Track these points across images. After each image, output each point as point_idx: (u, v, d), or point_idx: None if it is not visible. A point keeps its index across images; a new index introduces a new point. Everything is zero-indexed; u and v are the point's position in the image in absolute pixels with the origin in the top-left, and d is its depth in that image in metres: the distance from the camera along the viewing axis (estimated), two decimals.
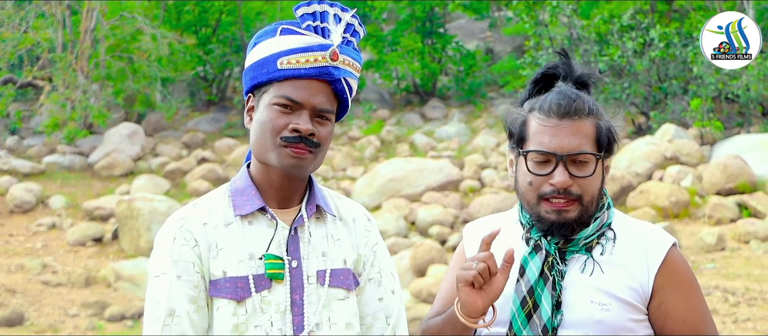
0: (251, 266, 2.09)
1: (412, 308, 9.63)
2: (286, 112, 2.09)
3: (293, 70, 2.09)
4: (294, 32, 2.13)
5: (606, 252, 2.27)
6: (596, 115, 2.28)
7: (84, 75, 19.01)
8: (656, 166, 13.87)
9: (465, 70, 22.98)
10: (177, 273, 2.08)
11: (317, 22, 2.14)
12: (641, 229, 2.34)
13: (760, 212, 11.94)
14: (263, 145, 2.12)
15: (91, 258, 13.04)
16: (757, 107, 17.14)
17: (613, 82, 17.21)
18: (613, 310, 2.21)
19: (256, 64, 2.15)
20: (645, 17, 18.19)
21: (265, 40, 2.16)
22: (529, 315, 2.23)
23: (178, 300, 2.06)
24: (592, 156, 2.24)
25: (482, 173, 15.66)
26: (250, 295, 2.07)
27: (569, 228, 2.25)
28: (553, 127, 2.24)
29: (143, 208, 13.03)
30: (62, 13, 19.70)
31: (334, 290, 2.15)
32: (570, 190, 2.22)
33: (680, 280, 2.26)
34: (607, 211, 2.32)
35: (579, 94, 2.28)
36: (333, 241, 2.20)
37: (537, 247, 2.29)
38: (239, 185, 2.19)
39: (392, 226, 13.14)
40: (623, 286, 2.23)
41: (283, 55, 2.10)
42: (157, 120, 20.62)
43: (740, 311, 8.93)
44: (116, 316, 10.79)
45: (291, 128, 2.08)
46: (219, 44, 22.58)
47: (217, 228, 2.13)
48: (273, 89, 2.11)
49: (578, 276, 2.25)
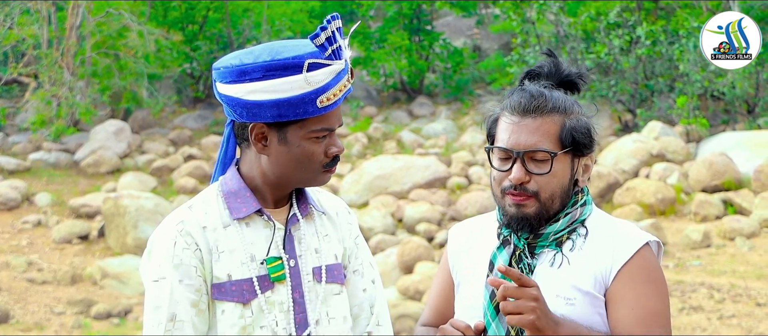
0: (253, 268, 2.11)
1: (399, 305, 9.63)
2: (322, 140, 2.13)
3: (333, 104, 2.12)
4: (321, 66, 2.08)
5: (576, 247, 2.28)
6: (563, 112, 2.28)
7: (70, 72, 18.90)
8: (642, 163, 13.93)
9: (452, 68, 23.00)
10: (179, 277, 2.08)
11: (334, 45, 2.11)
12: (616, 226, 2.34)
13: (745, 209, 12.01)
14: (306, 174, 2.15)
15: (77, 255, 12.99)
16: (743, 105, 17.23)
17: (600, 80, 17.26)
18: (578, 304, 2.22)
19: (285, 102, 2.06)
20: (631, 15, 18.25)
21: (287, 76, 2.06)
22: (497, 308, 2.25)
23: (180, 304, 2.06)
24: (548, 154, 2.25)
25: (469, 170, 15.68)
26: (256, 297, 2.10)
27: (528, 223, 2.27)
28: (514, 124, 2.28)
29: (130, 205, 12.97)
30: (47, 9, 19.59)
31: (330, 286, 2.19)
32: (526, 186, 2.26)
33: (641, 274, 2.24)
34: (582, 207, 2.33)
35: (543, 92, 2.30)
36: (323, 237, 2.23)
37: (505, 242, 2.32)
38: (232, 187, 2.18)
39: (379, 223, 13.14)
40: (588, 278, 2.24)
41: (322, 93, 2.08)
42: (144, 117, 20.54)
43: (725, 308, 8.98)
44: (102, 314, 10.75)
45: (332, 154, 2.14)
46: (206, 41, 22.51)
47: (215, 231, 2.13)
48: (311, 123, 2.11)
49: (547, 270, 2.27)
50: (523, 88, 2.33)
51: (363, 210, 13.70)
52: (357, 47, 23.10)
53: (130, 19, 19.46)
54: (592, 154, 2.34)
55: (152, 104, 19.88)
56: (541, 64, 2.40)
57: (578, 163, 2.32)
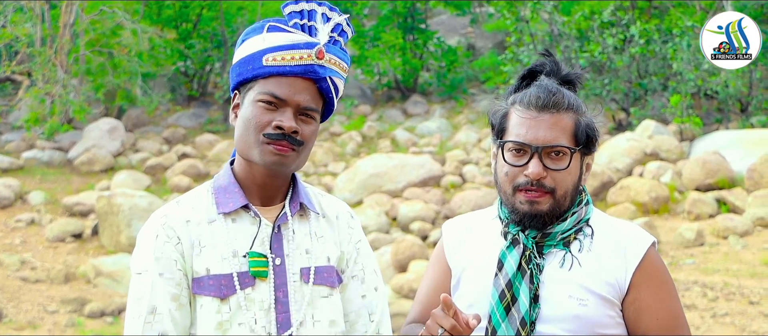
0: (235, 264, 2.09)
1: (393, 304, 9.64)
2: (270, 109, 2.09)
3: (278, 67, 2.09)
4: (281, 29, 2.13)
5: (584, 248, 2.29)
6: (576, 110, 2.30)
7: (64, 70, 18.85)
8: (636, 161, 13.95)
9: (446, 66, 23.01)
10: (159, 270, 2.07)
11: (304, 21, 2.14)
12: (620, 227, 2.36)
13: (739, 208, 12.03)
14: (246, 141, 2.11)
15: (71, 254, 12.96)
16: (736, 104, 17.26)
17: (594, 79, 17.27)
18: (591, 305, 2.23)
19: (243, 60, 2.14)
20: (625, 14, 18.27)
21: (251, 37, 2.15)
22: (507, 308, 2.25)
23: (160, 297, 2.05)
24: (568, 150, 2.26)
25: (463, 169, 15.69)
26: (235, 293, 2.07)
27: (541, 220, 2.27)
28: (532, 119, 2.27)
29: (123, 203, 12.95)
30: (41, 7, 19.51)
31: (318, 288, 2.15)
32: (543, 182, 2.25)
33: (656, 278, 2.28)
34: (586, 207, 2.35)
35: (560, 88, 2.31)
36: (316, 239, 2.20)
37: (515, 241, 2.30)
38: (222, 182, 2.18)
39: (373, 221, 13.14)
40: (601, 282, 2.25)
41: (269, 52, 2.10)
42: (138, 115, 20.50)
43: (719, 306, 9.00)
44: (96, 313, 10.73)
45: (274, 125, 2.08)
46: (200, 39, 22.48)
47: (200, 225, 2.12)
48: (258, 86, 2.11)
49: (557, 270, 2.27)
50: (538, 83, 2.33)
51: (357, 208, 13.70)
52: (351, 46, 23.09)
53: (124, 17, 19.42)
54: (593, 154, 2.36)
55: (146, 102, 19.84)
56: (542, 63, 2.41)
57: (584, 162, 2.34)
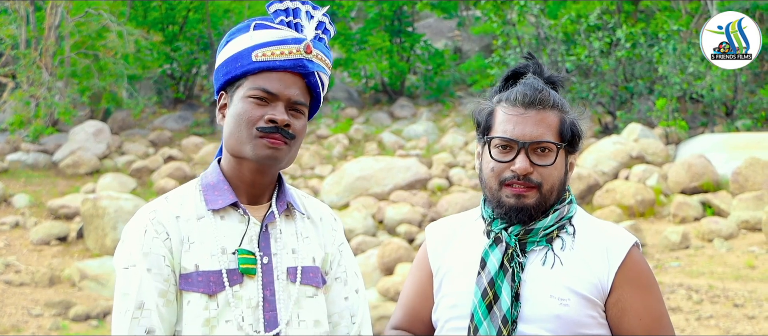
0: (224, 260, 2.09)
1: (379, 306, 9.62)
2: (261, 103, 2.11)
3: (268, 62, 2.12)
4: (268, 27, 2.16)
5: (566, 246, 2.30)
6: (561, 109, 2.33)
7: (49, 72, 18.75)
8: (622, 165, 14.00)
9: (433, 69, 23.04)
10: (147, 266, 2.07)
11: (290, 18, 2.18)
12: (603, 227, 2.37)
13: (724, 211, 12.10)
14: (238, 137, 2.12)
15: (56, 257, 12.88)
16: (721, 107, 17.36)
17: (580, 82, 17.33)
18: (572, 305, 2.24)
19: (230, 59, 2.16)
20: (612, 17, 18.35)
21: (238, 36, 2.18)
22: (489, 306, 2.25)
23: (147, 293, 2.05)
24: (554, 146, 2.28)
25: (450, 172, 15.70)
26: (223, 289, 2.07)
27: (527, 213, 2.28)
28: (518, 116, 2.29)
29: (109, 206, 12.89)
30: (26, 9, 19.41)
31: (304, 287, 2.17)
32: (530, 177, 2.27)
33: (640, 279, 2.29)
34: (569, 205, 2.36)
35: (545, 87, 2.34)
36: (302, 239, 2.22)
37: (497, 240, 2.32)
38: (211, 180, 2.19)
39: (360, 224, 13.13)
40: (583, 282, 2.26)
41: (258, 48, 2.13)
42: (124, 118, 20.41)
43: (703, 308, 9.03)
44: (81, 316, 10.66)
45: (267, 119, 2.10)
46: (186, 42, 22.42)
47: (189, 221, 2.13)
48: (248, 82, 2.13)
49: (539, 269, 2.28)
50: (524, 81, 2.36)
51: (344, 211, 13.68)
52: (338, 48, 23.08)
53: (110, 19, 19.33)
54: (576, 154, 2.38)
55: (132, 105, 19.76)
56: (526, 65, 2.43)
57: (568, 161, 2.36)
